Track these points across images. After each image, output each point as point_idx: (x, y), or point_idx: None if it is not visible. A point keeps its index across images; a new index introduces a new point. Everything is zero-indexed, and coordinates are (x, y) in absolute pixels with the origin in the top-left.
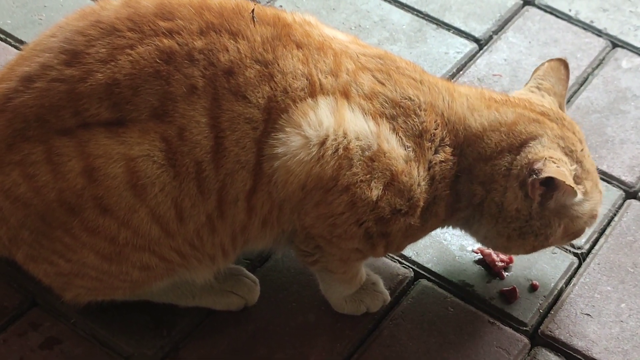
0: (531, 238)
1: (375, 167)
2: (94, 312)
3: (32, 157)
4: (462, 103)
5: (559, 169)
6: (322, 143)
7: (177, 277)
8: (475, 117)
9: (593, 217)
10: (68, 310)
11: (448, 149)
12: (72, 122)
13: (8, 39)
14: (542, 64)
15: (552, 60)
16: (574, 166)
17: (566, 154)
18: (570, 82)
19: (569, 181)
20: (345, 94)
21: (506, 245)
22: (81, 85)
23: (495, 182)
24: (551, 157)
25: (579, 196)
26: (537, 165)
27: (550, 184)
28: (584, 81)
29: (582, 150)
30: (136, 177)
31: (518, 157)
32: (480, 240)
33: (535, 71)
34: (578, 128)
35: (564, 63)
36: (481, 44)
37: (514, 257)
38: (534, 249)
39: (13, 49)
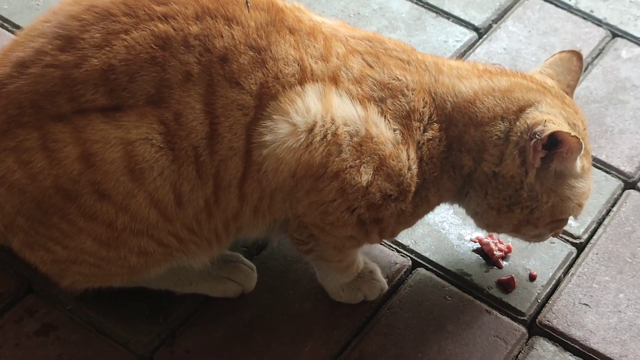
0: (518, 210)
1: (364, 152)
2: (91, 299)
3: (27, 144)
4: (451, 74)
5: (562, 126)
6: (310, 130)
7: (174, 262)
8: (465, 84)
9: (580, 204)
10: (64, 297)
11: (435, 125)
12: (67, 108)
13: (5, 24)
14: (553, 55)
15: (564, 51)
16: (574, 133)
17: (568, 124)
18: None
19: (574, 132)
20: (335, 79)
21: (496, 220)
22: (76, 70)
23: (486, 151)
24: (551, 120)
25: (579, 163)
26: (538, 128)
27: (553, 143)
28: (583, 71)
29: (584, 129)
30: (134, 161)
31: (517, 123)
32: (471, 214)
33: (546, 61)
34: (581, 111)
35: (577, 54)
36: (480, 32)
37: (512, 246)
38: (519, 225)
39: (10, 34)
